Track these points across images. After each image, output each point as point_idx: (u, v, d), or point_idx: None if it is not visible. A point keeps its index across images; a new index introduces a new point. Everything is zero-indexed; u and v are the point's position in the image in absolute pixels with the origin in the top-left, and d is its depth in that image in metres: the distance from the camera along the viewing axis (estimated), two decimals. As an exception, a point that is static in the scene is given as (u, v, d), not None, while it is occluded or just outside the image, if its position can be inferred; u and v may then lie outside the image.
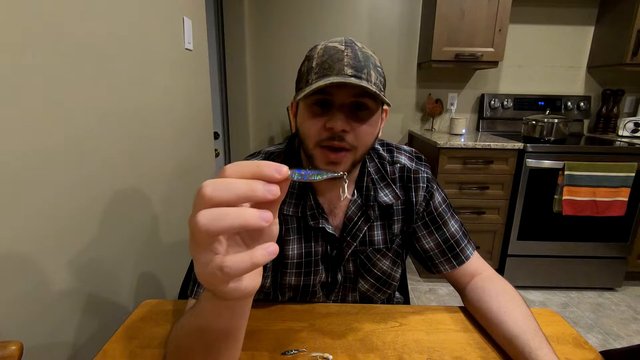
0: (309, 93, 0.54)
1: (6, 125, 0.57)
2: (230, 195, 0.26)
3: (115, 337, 0.61)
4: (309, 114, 0.59)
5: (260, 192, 0.26)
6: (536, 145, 1.92)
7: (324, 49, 0.58)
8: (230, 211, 0.26)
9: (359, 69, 0.56)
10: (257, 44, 2.48)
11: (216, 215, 0.26)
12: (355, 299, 0.76)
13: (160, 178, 1.12)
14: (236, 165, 0.28)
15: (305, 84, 0.58)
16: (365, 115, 0.59)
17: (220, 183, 0.26)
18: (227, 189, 0.26)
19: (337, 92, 0.56)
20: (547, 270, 2.10)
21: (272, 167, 0.27)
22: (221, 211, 0.26)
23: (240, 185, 0.26)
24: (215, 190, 0.26)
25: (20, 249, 0.61)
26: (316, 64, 0.57)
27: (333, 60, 0.56)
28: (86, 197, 0.77)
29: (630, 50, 2.07)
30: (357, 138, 0.59)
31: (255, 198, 0.26)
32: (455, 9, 2.08)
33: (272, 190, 0.27)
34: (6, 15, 0.56)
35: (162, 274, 1.15)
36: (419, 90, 2.55)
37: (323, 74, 0.56)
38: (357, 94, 0.56)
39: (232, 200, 0.26)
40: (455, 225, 0.73)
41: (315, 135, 0.58)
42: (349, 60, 0.56)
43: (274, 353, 0.57)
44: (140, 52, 0.98)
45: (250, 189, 0.26)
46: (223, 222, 0.26)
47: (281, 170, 0.27)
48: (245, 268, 0.28)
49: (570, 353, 0.59)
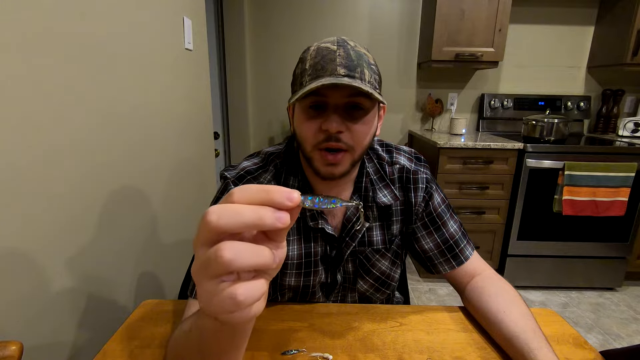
0: (301, 96, 0.54)
1: (6, 125, 0.57)
2: (238, 224, 0.25)
3: (115, 337, 0.61)
4: (305, 117, 0.59)
5: (270, 220, 0.25)
6: (536, 145, 1.93)
7: (317, 50, 0.58)
8: (245, 209, 0.25)
9: (351, 68, 0.55)
10: (257, 44, 2.48)
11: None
12: (355, 299, 0.76)
13: (160, 178, 1.12)
14: (244, 190, 0.26)
15: (299, 86, 0.58)
16: (360, 114, 0.59)
17: (227, 210, 0.25)
18: (234, 217, 0.25)
19: (331, 93, 0.56)
20: (547, 270, 2.10)
21: (282, 194, 0.26)
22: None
23: (248, 213, 0.25)
24: (221, 217, 0.25)
25: (20, 249, 0.61)
26: (309, 65, 0.57)
27: (325, 61, 0.56)
28: (86, 197, 0.77)
29: (630, 50, 2.07)
30: (353, 138, 0.59)
31: (264, 227, 0.25)
32: (455, 9, 2.08)
33: (282, 219, 0.25)
34: (6, 15, 0.56)
35: (162, 274, 1.15)
36: (419, 90, 2.55)
37: (316, 76, 0.55)
38: (351, 93, 0.56)
39: (239, 229, 0.25)
40: (454, 226, 0.73)
41: (312, 138, 0.59)
42: (342, 60, 0.56)
43: (274, 353, 0.57)
44: (140, 52, 0.98)
45: (258, 217, 0.25)
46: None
47: (292, 197, 0.26)
48: (257, 296, 0.27)
49: (570, 353, 0.59)
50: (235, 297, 0.25)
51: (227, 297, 0.26)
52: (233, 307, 0.26)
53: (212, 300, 0.27)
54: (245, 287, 0.26)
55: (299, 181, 0.68)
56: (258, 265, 0.26)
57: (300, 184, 0.68)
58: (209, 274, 0.26)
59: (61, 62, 0.68)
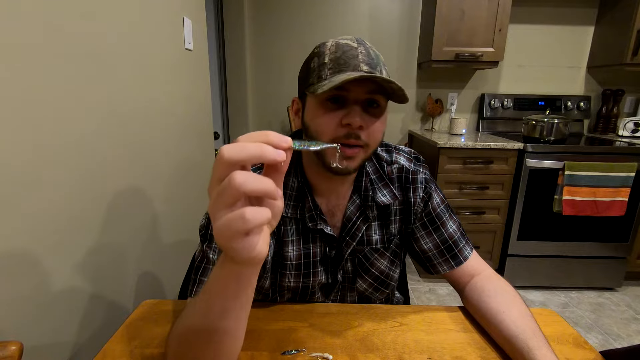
0: (334, 87, 0.52)
1: (7, 124, 0.57)
2: (244, 155, 0.30)
3: (115, 337, 0.61)
4: (323, 110, 0.58)
5: (271, 152, 0.30)
6: (536, 145, 1.92)
7: (336, 45, 0.58)
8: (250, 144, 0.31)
9: (373, 66, 0.56)
10: (257, 43, 2.48)
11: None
12: (354, 298, 0.76)
13: (160, 178, 1.12)
14: (248, 134, 0.32)
15: (317, 79, 0.57)
16: (378, 112, 0.59)
17: (235, 145, 0.30)
18: (241, 149, 0.30)
19: (354, 88, 0.56)
20: (547, 270, 2.10)
21: (279, 137, 0.32)
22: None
23: (253, 146, 0.30)
24: (232, 151, 0.30)
25: (20, 249, 0.61)
26: (329, 59, 0.57)
27: (348, 56, 0.56)
28: (86, 197, 0.77)
29: (630, 50, 2.07)
30: (369, 135, 0.58)
31: (266, 158, 0.30)
32: (455, 9, 2.08)
33: (280, 153, 0.31)
34: (6, 15, 0.56)
35: (162, 274, 1.16)
36: (419, 90, 2.55)
37: (339, 70, 0.55)
38: (371, 90, 0.56)
39: (246, 159, 0.30)
40: (453, 226, 0.73)
41: (330, 131, 0.57)
42: (363, 57, 0.56)
43: (274, 353, 0.57)
44: (141, 52, 0.98)
45: (261, 149, 0.30)
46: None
47: (287, 140, 0.32)
48: (262, 218, 0.31)
49: (570, 353, 0.59)
50: (244, 215, 0.30)
51: (238, 216, 0.30)
52: (242, 225, 0.30)
53: (224, 225, 0.31)
54: (252, 209, 0.30)
55: (298, 181, 0.68)
56: (264, 190, 0.31)
57: (300, 184, 0.68)
58: (224, 202, 0.31)
59: (61, 62, 0.68)
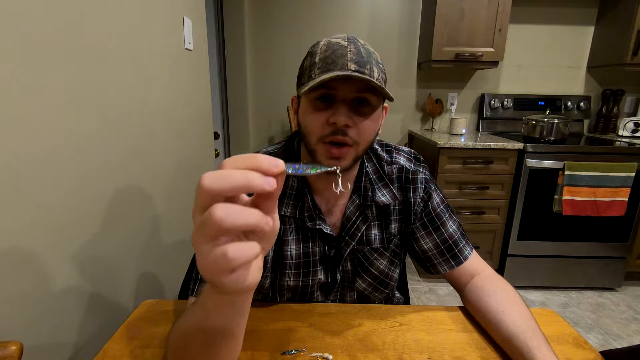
0: (313, 86, 0.54)
1: (7, 124, 0.57)
2: (228, 186, 0.26)
3: (115, 337, 0.61)
4: (312, 109, 0.59)
5: (258, 182, 0.27)
6: (536, 145, 1.93)
7: (327, 44, 0.58)
8: (235, 172, 0.27)
9: (361, 65, 0.56)
10: (257, 43, 2.48)
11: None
12: (353, 298, 0.76)
13: (160, 178, 1.12)
14: (234, 158, 0.29)
15: (307, 78, 0.58)
16: (368, 110, 0.59)
17: (219, 174, 0.27)
18: (225, 179, 0.27)
19: (341, 87, 0.56)
20: (547, 270, 2.10)
21: (269, 160, 0.28)
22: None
23: (238, 175, 0.27)
24: (213, 181, 0.26)
25: (20, 248, 0.61)
26: (319, 59, 0.57)
27: (336, 55, 0.56)
28: (86, 197, 0.77)
29: (630, 50, 2.07)
30: (359, 133, 0.59)
31: (253, 188, 0.27)
32: (455, 9, 2.08)
33: (270, 182, 0.27)
34: (6, 16, 0.56)
35: (162, 274, 1.15)
36: (419, 90, 2.55)
37: (326, 69, 0.56)
38: (360, 89, 0.57)
39: (229, 189, 0.27)
40: (453, 226, 0.73)
41: (318, 130, 0.58)
42: (352, 55, 0.56)
43: (274, 353, 0.57)
44: (141, 52, 0.98)
45: (247, 179, 0.27)
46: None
47: (278, 164, 0.28)
48: (248, 256, 0.28)
49: (570, 353, 0.59)
50: (226, 254, 0.27)
51: (220, 255, 0.27)
52: (225, 265, 0.27)
53: (207, 262, 0.28)
54: (236, 246, 0.27)
55: (298, 181, 0.68)
56: (248, 224, 0.27)
57: (300, 184, 0.68)
58: (204, 236, 0.28)
59: (61, 62, 0.68)
